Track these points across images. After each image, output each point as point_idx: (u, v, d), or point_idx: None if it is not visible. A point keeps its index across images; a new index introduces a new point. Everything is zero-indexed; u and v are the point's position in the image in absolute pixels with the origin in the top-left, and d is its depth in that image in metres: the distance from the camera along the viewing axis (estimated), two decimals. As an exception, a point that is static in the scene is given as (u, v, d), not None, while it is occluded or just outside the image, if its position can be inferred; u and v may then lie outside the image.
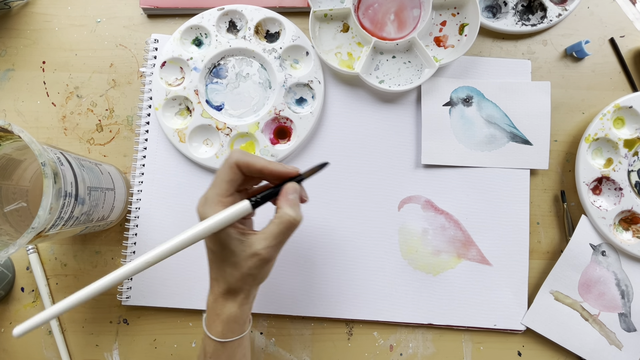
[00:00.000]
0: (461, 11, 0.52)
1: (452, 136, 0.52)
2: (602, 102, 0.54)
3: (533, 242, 0.52)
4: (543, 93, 0.53)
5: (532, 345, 0.51)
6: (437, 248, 0.52)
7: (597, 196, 0.52)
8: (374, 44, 0.51)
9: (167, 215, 0.51)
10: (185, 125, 0.51)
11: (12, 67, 0.54)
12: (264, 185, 0.41)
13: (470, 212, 0.52)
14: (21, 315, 0.51)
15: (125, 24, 0.55)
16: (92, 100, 0.54)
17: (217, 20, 0.52)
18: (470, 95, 0.53)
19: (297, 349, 0.51)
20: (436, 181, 0.52)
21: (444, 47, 0.53)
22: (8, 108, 0.53)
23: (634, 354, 0.50)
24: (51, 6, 0.55)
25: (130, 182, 0.52)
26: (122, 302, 0.50)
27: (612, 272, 0.51)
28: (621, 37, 0.55)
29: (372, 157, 0.53)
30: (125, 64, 0.54)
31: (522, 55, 0.55)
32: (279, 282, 0.51)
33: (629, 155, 0.51)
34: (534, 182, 0.53)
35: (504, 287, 0.51)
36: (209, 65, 0.52)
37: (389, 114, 0.53)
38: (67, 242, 0.52)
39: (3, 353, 0.50)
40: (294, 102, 0.53)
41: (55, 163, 0.35)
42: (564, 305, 0.51)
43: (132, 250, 0.51)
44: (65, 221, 0.38)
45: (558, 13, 0.53)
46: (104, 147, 0.53)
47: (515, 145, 0.52)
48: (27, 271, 0.51)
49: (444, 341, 0.51)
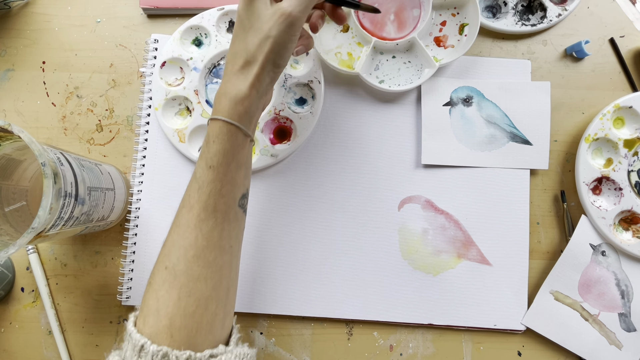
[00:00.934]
0: (461, 11, 0.52)
1: (452, 136, 0.52)
2: (602, 102, 0.54)
3: (533, 242, 0.52)
4: (543, 93, 0.53)
5: (532, 345, 0.51)
6: (437, 248, 0.52)
7: (597, 196, 0.52)
8: (374, 44, 0.51)
9: (167, 215, 0.51)
10: (185, 125, 0.51)
11: (12, 67, 0.54)
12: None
13: (470, 212, 0.52)
14: (21, 315, 0.51)
15: (125, 24, 0.55)
16: (92, 100, 0.54)
17: (217, 20, 0.52)
18: (470, 95, 0.53)
19: (297, 349, 0.51)
20: (436, 181, 0.52)
21: (444, 47, 0.53)
22: (8, 108, 0.53)
23: (634, 354, 0.50)
24: (51, 6, 0.55)
25: (130, 182, 0.52)
26: (122, 302, 0.50)
27: (612, 272, 0.51)
28: (621, 37, 0.55)
29: (372, 157, 0.53)
30: (125, 64, 0.54)
31: (522, 55, 0.55)
32: (279, 282, 0.51)
33: (628, 155, 0.51)
34: (534, 182, 0.53)
35: (504, 287, 0.51)
36: (209, 65, 0.52)
37: (389, 114, 0.53)
38: (67, 242, 0.52)
39: (3, 353, 0.50)
40: (294, 102, 0.53)
41: (55, 163, 0.35)
42: (564, 305, 0.51)
43: (132, 250, 0.51)
44: (65, 221, 0.38)
45: (558, 13, 0.53)
46: (104, 147, 0.53)
47: (515, 145, 0.52)
48: (27, 271, 0.51)
49: (444, 341, 0.51)
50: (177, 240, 0.35)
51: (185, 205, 0.36)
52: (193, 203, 0.36)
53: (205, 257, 0.35)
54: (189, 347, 0.32)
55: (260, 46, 0.36)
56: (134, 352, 0.31)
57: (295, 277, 0.51)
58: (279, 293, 0.51)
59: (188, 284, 0.34)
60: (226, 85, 0.37)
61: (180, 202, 0.37)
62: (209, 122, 0.38)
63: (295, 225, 0.52)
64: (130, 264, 0.50)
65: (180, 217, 0.36)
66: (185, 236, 0.35)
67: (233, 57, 0.38)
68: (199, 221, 0.35)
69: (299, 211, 0.52)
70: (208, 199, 0.36)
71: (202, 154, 0.37)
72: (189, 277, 0.34)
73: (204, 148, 0.37)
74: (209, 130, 0.37)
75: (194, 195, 0.36)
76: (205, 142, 0.37)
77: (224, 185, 0.36)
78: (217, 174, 0.36)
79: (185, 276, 0.34)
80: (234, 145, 0.37)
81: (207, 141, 0.37)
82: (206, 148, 0.37)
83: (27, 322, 0.51)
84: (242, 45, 0.37)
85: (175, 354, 0.31)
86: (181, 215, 0.36)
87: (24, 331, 0.51)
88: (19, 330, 0.51)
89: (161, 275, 0.34)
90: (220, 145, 0.36)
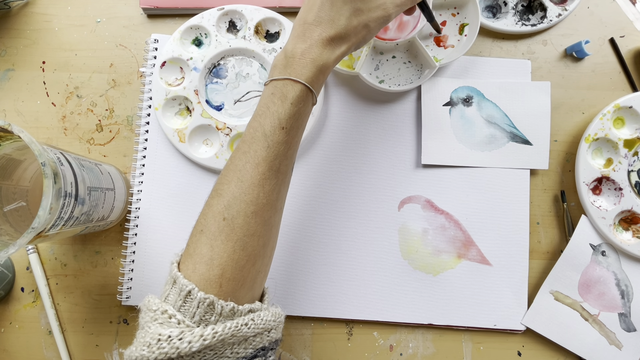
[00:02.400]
0: (461, 11, 0.52)
1: (452, 136, 0.52)
2: (602, 102, 0.54)
3: (533, 242, 0.52)
4: (543, 93, 0.53)
5: (532, 345, 0.51)
6: (437, 248, 0.52)
7: (597, 196, 0.52)
8: (374, 44, 0.51)
9: (167, 215, 0.51)
10: (185, 125, 0.51)
11: (12, 67, 0.54)
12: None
13: (470, 212, 0.52)
14: (21, 315, 0.51)
15: (125, 24, 0.55)
16: (92, 100, 0.54)
17: (217, 20, 0.52)
18: (470, 95, 0.53)
19: (297, 348, 0.51)
20: (436, 181, 0.52)
21: (444, 47, 0.53)
22: (8, 108, 0.53)
23: (634, 354, 0.50)
24: (51, 6, 0.55)
25: (130, 182, 0.52)
26: (122, 302, 0.50)
27: (612, 272, 0.51)
28: (621, 37, 0.55)
29: (372, 157, 0.53)
30: (125, 64, 0.54)
31: (522, 55, 0.55)
32: (279, 282, 0.51)
33: (628, 155, 0.51)
34: (534, 182, 0.53)
35: (504, 287, 0.51)
36: (209, 65, 0.52)
37: (389, 114, 0.53)
38: (67, 242, 0.52)
39: (3, 353, 0.50)
40: (294, 102, 0.53)
41: (55, 163, 0.35)
42: (564, 305, 0.51)
43: (132, 250, 0.51)
44: (65, 221, 0.38)
45: (558, 13, 0.53)
46: (104, 147, 0.53)
47: (515, 145, 0.52)
48: (27, 271, 0.51)
49: (444, 341, 0.51)
50: (239, 195, 0.35)
51: (250, 161, 0.35)
52: (260, 160, 0.35)
53: (263, 215, 0.35)
54: (233, 299, 0.33)
55: (357, 29, 0.38)
56: (180, 296, 0.32)
57: (295, 277, 0.51)
58: (279, 293, 0.51)
59: (244, 239, 0.34)
60: (313, 50, 0.37)
61: (242, 153, 0.36)
62: (285, 80, 0.37)
63: (295, 225, 0.52)
64: (130, 264, 0.50)
65: (244, 172, 0.35)
66: (249, 192, 0.35)
67: (324, 23, 0.37)
68: (264, 179, 0.35)
69: (299, 211, 0.52)
70: (275, 159, 0.36)
71: (274, 113, 0.36)
72: (245, 231, 0.34)
73: (276, 106, 0.36)
74: (284, 90, 0.36)
75: (262, 152, 0.35)
76: (279, 100, 0.36)
77: (290, 147, 0.37)
78: (288, 136, 0.36)
79: (243, 230, 0.34)
80: (307, 112, 0.38)
81: (282, 100, 0.36)
82: (281, 107, 0.36)
83: (27, 322, 0.51)
84: (338, 19, 0.37)
85: (221, 303, 0.32)
86: (245, 169, 0.35)
87: (24, 331, 0.51)
88: (19, 330, 0.51)
89: (218, 226, 0.34)
90: (297, 109, 0.36)
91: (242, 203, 0.34)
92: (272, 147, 0.36)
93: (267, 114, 0.36)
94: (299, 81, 0.36)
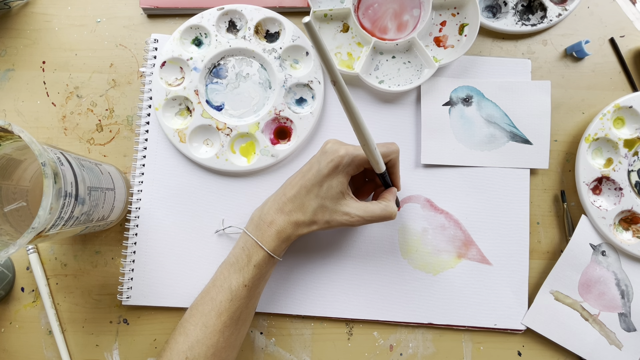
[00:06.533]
0: (461, 11, 0.52)
1: (452, 136, 0.52)
2: (602, 102, 0.54)
3: (533, 242, 0.52)
4: (543, 92, 0.53)
5: (532, 345, 0.51)
6: (437, 247, 0.52)
7: (597, 196, 0.52)
8: (374, 44, 0.51)
9: (167, 215, 0.51)
10: (185, 125, 0.51)
11: (12, 67, 0.54)
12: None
13: (470, 211, 0.52)
14: (21, 315, 0.51)
15: (125, 24, 0.55)
16: (92, 100, 0.54)
17: (217, 20, 0.52)
18: (470, 95, 0.53)
19: (297, 349, 0.51)
20: (436, 181, 0.52)
21: (443, 47, 0.53)
22: (8, 108, 0.53)
23: (634, 354, 0.50)
24: (51, 6, 0.55)
25: (130, 182, 0.52)
26: (122, 302, 0.50)
27: (612, 272, 0.51)
28: (621, 37, 0.55)
29: (372, 157, 0.53)
30: (125, 64, 0.54)
31: (522, 55, 0.55)
32: (279, 282, 0.51)
33: (629, 155, 0.51)
34: (534, 182, 0.53)
35: (504, 287, 0.51)
36: (209, 65, 0.52)
37: (389, 114, 0.53)
38: (67, 242, 0.52)
39: (3, 353, 0.50)
40: (294, 102, 0.53)
41: (55, 163, 0.35)
42: (564, 305, 0.51)
43: (132, 250, 0.51)
44: (65, 221, 0.38)
45: (558, 13, 0.53)
46: (104, 147, 0.53)
47: (515, 145, 0.52)
48: (27, 271, 0.51)
49: (444, 341, 0.51)
50: (202, 339, 0.41)
51: (215, 309, 0.42)
52: (223, 310, 0.42)
53: (220, 356, 0.41)
54: None
55: (320, 222, 0.43)
56: None
57: (295, 277, 0.51)
58: (278, 293, 0.51)
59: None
60: (280, 223, 0.43)
61: (210, 299, 0.42)
62: (254, 244, 0.43)
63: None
64: (130, 263, 0.50)
65: (209, 318, 0.41)
66: (210, 337, 0.41)
67: (297, 205, 0.43)
68: (225, 327, 0.41)
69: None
70: (237, 311, 0.42)
71: (241, 270, 0.43)
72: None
73: (244, 265, 0.43)
74: (251, 251, 0.43)
75: (225, 303, 0.42)
76: (247, 258, 0.43)
77: (251, 299, 0.43)
78: (250, 292, 0.43)
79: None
80: (269, 271, 0.45)
81: (248, 259, 0.43)
82: (246, 267, 0.43)
83: (27, 322, 0.51)
84: (309, 209, 0.43)
85: None
86: (210, 316, 0.41)
87: (24, 331, 0.51)
88: (19, 330, 0.51)
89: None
90: (260, 271, 0.43)
91: (204, 346, 0.40)
92: (235, 301, 0.42)
93: (235, 268, 0.43)
94: (263, 248, 0.43)
